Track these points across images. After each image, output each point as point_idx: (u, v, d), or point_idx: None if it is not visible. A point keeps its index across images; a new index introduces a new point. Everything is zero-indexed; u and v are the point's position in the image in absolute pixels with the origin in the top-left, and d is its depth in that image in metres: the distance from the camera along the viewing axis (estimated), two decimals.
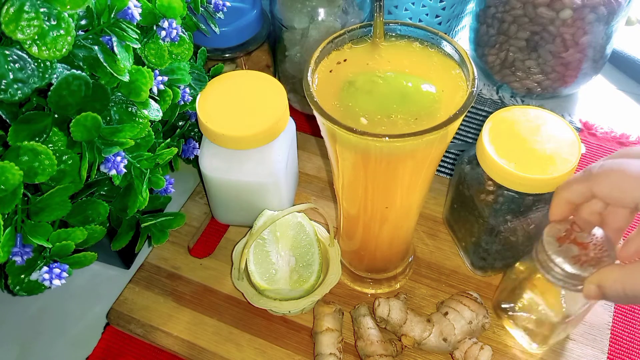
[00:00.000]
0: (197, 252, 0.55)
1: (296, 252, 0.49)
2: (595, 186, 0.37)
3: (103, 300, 0.53)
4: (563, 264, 0.39)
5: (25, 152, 0.34)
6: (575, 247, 0.39)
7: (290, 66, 0.62)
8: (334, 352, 0.45)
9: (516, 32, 0.62)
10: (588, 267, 0.38)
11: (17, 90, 0.32)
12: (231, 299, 0.51)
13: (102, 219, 0.41)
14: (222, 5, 0.51)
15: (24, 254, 0.36)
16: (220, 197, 0.53)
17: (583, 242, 0.39)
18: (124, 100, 0.39)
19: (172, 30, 0.41)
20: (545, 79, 0.65)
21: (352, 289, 0.52)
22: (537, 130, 0.45)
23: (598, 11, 0.58)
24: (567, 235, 0.40)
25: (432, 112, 0.36)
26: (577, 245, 0.39)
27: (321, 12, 0.57)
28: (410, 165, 0.38)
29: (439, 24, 0.65)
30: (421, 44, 0.40)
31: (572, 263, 0.38)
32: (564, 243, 0.40)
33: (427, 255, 0.54)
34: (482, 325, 0.46)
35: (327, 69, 0.39)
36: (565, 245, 0.39)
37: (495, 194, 0.46)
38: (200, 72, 0.50)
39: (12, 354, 0.51)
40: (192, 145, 0.52)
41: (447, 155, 0.63)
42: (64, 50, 0.33)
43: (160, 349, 0.49)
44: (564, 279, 0.39)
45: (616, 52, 0.73)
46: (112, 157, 0.38)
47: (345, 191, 0.43)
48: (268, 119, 0.48)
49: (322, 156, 0.62)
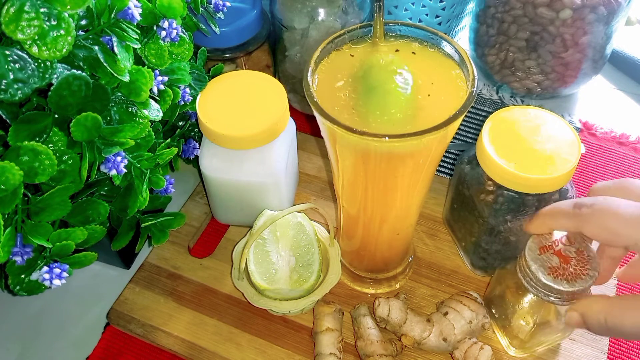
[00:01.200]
0: (197, 252, 0.55)
1: (296, 252, 0.49)
2: (585, 227, 0.36)
3: (103, 300, 0.53)
4: (537, 272, 0.39)
5: (26, 152, 0.34)
6: (556, 258, 0.39)
7: (290, 66, 0.62)
8: (334, 352, 0.45)
9: (516, 32, 0.62)
10: (562, 281, 0.38)
11: (17, 90, 0.32)
12: (231, 299, 0.51)
13: (102, 219, 0.41)
14: (222, 6, 0.51)
15: (24, 254, 0.36)
16: (220, 197, 0.53)
17: (567, 255, 0.39)
18: (124, 100, 0.39)
19: (172, 30, 0.41)
20: (545, 79, 0.65)
21: (352, 289, 0.52)
22: (537, 130, 0.45)
23: (598, 11, 0.58)
24: (551, 246, 0.40)
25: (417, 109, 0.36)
26: (559, 257, 0.39)
27: (321, 12, 0.57)
28: (410, 165, 0.38)
29: (439, 24, 0.65)
30: (421, 44, 0.40)
31: (547, 274, 0.38)
32: (546, 253, 0.40)
33: (427, 255, 0.54)
34: (482, 325, 0.46)
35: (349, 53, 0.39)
36: (546, 255, 0.39)
37: (495, 194, 0.46)
38: (200, 72, 0.50)
39: (13, 353, 0.51)
40: (192, 145, 0.52)
41: (447, 155, 0.63)
42: (64, 50, 0.33)
43: (160, 349, 0.49)
44: (537, 287, 0.39)
45: (616, 52, 0.73)
46: (112, 157, 0.38)
47: (345, 191, 0.43)
48: (268, 119, 0.48)
49: (322, 156, 0.62)
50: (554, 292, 0.38)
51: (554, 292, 0.39)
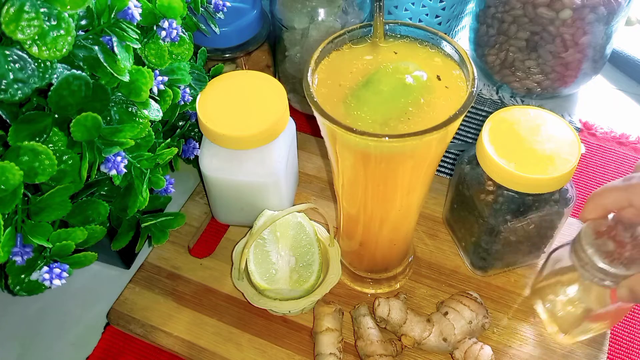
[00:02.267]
0: (197, 252, 0.55)
1: (296, 252, 0.49)
2: (635, 197, 0.37)
3: (103, 300, 0.53)
4: (594, 256, 0.39)
5: (26, 152, 0.34)
6: (612, 243, 0.40)
7: (290, 66, 0.62)
8: (334, 352, 0.45)
9: (516, 32, 0.62)
10: (619, 265, 0.38)
11: (17, 90, 0.32)
12: (231, 299, 0.51)
13: (102, 219, 0.41)
14: (222, 6, 0.51)
15: (24, 254, 0.36)
16: (220, 197, 0.53)
17: (622, 240, 0.40)
18: (124, 100, 0.39)
19: (172, 30, 0.41)
20: (545, 79, 0.65)
21: (352, 289, 0.52)
22: (537, 130, 0.45)
23: (598, 11, 0.58)
24: (607, 231, 0.40)
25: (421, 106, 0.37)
26: (615, 242, 0.40)
27: (321, 12, 0.57)
28: (410, 165, 0.38)
29: (439, 24, 0.65)
30: (421, 44, 0.40)
31: (603, 257, 0.39)
32: (602, 237, 0.40)
33: (427, 255, 0.54)
34: (482, 325, 0.46)
35: None
36: (602, 240, 0.40)
37: (495, 194, 0.46)
38: (200, 72, 0.50)
39: (12, 354, 0.51)
40: (192, 145, 0.52)
41: (447, 155, 0.63)
42: (64, 50, 0.33)
43: (160, 349, 0.49)
44: (592, 272, 0.40)
45: (616, 52, 0.73)
46: (112, 157, 0.38)
47: (345, 191, 0.43)
48: (268, 119, 0.48)
49: (322, 156, 0.62)
50: (610, 275, 0.39)
51: (610, 276, 0.39)
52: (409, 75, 0.38)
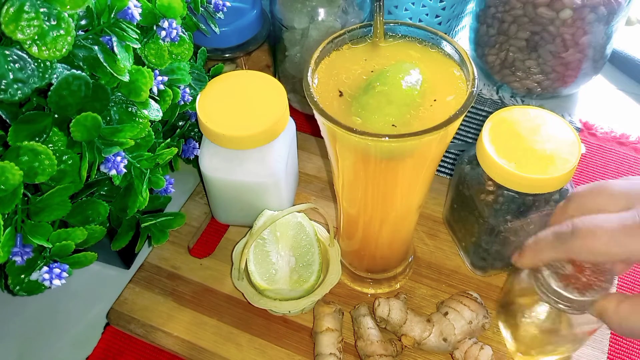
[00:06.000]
0: (197, 252, 0.55)
1: (296, 252, 0.49)
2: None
3: (103, 300, 0.53)
4: (549, 277, 0.38)
5: (25, 152, 0.34)
6: (570, 266, 0.38)
7: (290, 66, 0.62)
8: (334, 352, 0.45)
9: (516, 32, 0.62)
10: (573, 290, 0.37)
11: (17, 90, 0.32)
12: (231, 299, 0.51)
13: (102, 219, 0.41)
14: (222, 5, 0.51)
15: (24, 254, 0.36)
16: (220, 197, 0.53)
17: (581, 265, 0.38)
18: (124, 100, 0.39)
19: (172, 30, 0.41)
20: (545, 79, 0.65)
21: (352, 289, 0.52)
22: (537, 130, 0.45)
23: (598, 11, 0.58)
24: None
25: None
26: (574, 266, 0.38)
27: (321, 12, 0.57)
28: (410, 165, 0.38)
29: (439, 24, 0.65)
30: (421, 44, 0.40)
31: (558, 280, 0.38)
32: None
33: (427, 255, 0.54)
34: (482, 325, 0.46)
35: None
36: (560, 262, 0.38)
37: (495, 194, 0.46)
38: (200, 72, 0.50)
39: (12, 354, 0.51)
40: (192, 145, 0.52)
41: (447, 155, 0.63)
42: (64, 50, 0.33)
43: (160, 349, 0.49)
44: (547, 293, 0.38)
45: (616, 52, 0.73)
46: (112, 157, 0.38)
47: (345, 191, 0.43)
48: (268, 119, 0.48)
49: (322, 156, 0.62)
50: (563, 299, 0.38)
51: (564, 300, 0.38)
52: (409, 76, 0.38)
